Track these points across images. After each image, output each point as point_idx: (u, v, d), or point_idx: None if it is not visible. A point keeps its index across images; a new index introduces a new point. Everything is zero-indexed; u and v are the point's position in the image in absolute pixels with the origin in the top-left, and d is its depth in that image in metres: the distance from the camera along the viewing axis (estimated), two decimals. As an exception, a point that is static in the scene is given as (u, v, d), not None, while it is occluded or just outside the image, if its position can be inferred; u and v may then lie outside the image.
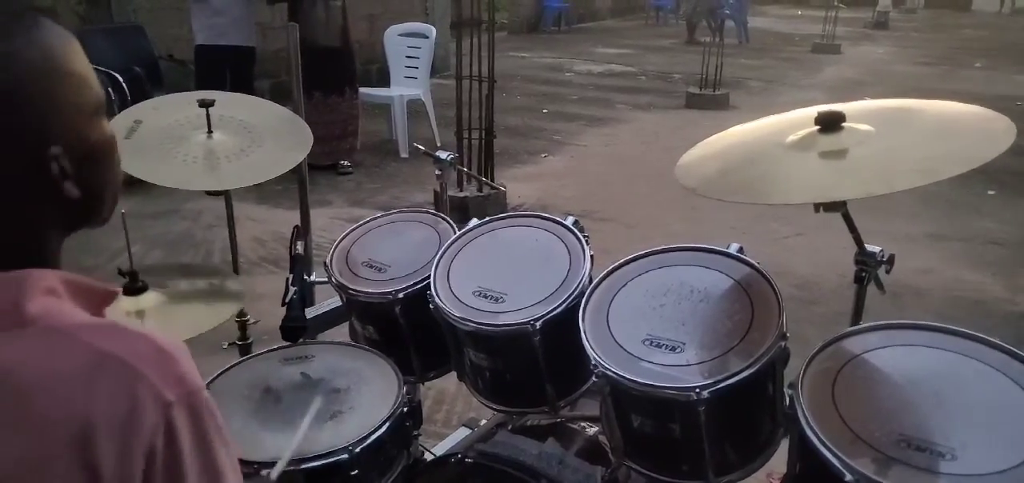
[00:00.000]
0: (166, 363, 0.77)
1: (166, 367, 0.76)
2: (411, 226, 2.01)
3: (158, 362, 0.76)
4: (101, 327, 0.78)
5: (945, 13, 20.51)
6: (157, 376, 0.75)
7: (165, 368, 0.76)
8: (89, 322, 0.79)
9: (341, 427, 1.51)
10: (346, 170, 6.30)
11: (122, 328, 0.79)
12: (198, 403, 0.78)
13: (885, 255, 1.57)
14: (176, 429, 0.75)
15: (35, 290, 0.76)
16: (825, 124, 1.49)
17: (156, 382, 0.75)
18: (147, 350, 0.76)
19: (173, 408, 0.75)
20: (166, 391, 0.75)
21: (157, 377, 0.75)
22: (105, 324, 0.79)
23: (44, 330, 0.75)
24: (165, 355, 0.77)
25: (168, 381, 0.75)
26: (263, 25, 7.16)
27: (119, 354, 0.75)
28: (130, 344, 0.76)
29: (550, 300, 1.60)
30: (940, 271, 4.60)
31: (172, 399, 0.75)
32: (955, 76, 11.48)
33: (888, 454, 1.19)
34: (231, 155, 1.86)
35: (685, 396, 1.34)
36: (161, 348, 0.77)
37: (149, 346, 0.77)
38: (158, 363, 0.76)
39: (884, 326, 1.40)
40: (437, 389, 3.13)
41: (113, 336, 0.77)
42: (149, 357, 0.76)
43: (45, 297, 0.77)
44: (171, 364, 0.77)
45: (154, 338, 0.78)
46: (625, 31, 16.82)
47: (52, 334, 0.75)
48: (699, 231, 4.91)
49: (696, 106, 9.02)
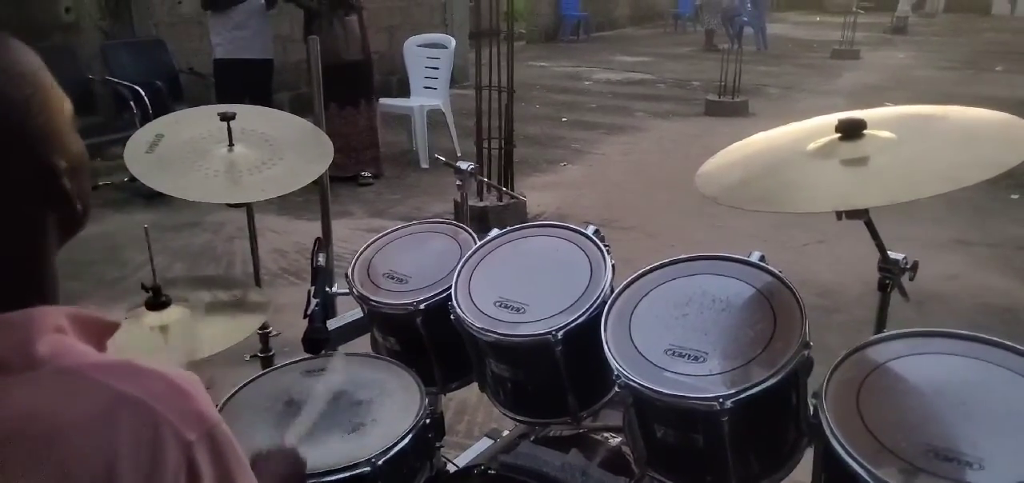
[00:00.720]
0: (183, 401, 0.75)
1: (184, 405, 0.75)
2: (432, 237, 2.01)
3: (176, 401, 0.75)
4: (115, 366, 0.76)
5: (965, 17, 20.32)
6: (176, 416, 0.74)
7: (183, 406, 0.75)
8: (102, 362, 0.77)
9: (363, 439, 1.51)
10: (367, 181, 6.33)
11: (136, 367, 0.77)
12: (218, 438, 0.77)
13: (909, 262, 1.56)
14: (198, 469, 0.74)
15: (43, 329, 0.75)
16: (846, 131, 1.48)
17: (175, 422, 0.73)
18: (164, 390, 0.75)
19: (194, 447, 0.74)
20: (186, 431, 0.73)
21: (176, 417, 0.74)
22: (119, 363, 0.77)
23: (57, 371, 0.74)
24: (181, 393, 0.76)
25: (187, 420, 0.74)
26: (282, 37, 7.23)
27: (137, 395, 0.73)
28: (147, 384, 0.75)
29: (572, 310, 1.60)
30: (966, 277, 4.54)
31: (192, 439, 0.74)
32: (976, 80, 11.36)
33: (915, 464, 1.18)
34: (253, 168, 1.88)
35: (708, 406, 1.33)
36: (177, 386, 0.76)
37: (165, 385, 0.75)
38: (176, 402, 0.75)
39: (909, 334, 1.39)
40: (458, 400, 3.13)
41: (129, 376, 0.75)
42: (167, 396, 0.74)
43: (54, 335, 0.75)
44: (188, 401, 0.76)
45: (168, 376, 0.77)
46: (644, 39, 16.80)
47: (66, 376, 0.74)
48: (719, 239, 4.89)
49: (715, 113, 8.99)
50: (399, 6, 9.57)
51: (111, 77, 6.37)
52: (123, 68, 6.45)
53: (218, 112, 1.90)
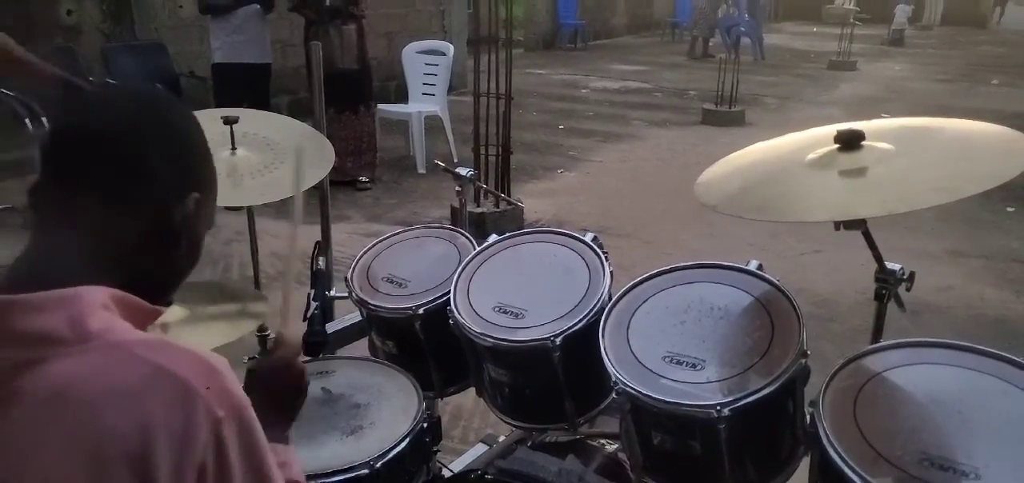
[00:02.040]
0: (215, 379, 0.81)
1: (215, 382, 0.81)
2: (431, 241, 2.02)
3: (209, 379, 0.80)
4: (155, 343, 0.83)
5: (961, 30, 20.41)
6: (208, 392, 0.79)
7: (214, 383, 0.80)
8: (145, 338, 0.84)
9: (361, 442, 1.52)
10: (365, 186, 6.34)
11: (174, 345, 0.83)
12: (245, 417, 0.82)
13: (905, 273, 1.57)
14: (226, 443, 0.79)
15: (94, 306, 0.81)
16: (845, 142, 1.49)
17: (208, 398, 0.79)
18: (198, 366, 0.81)
19: (223, 423, 0.79)
20: (216, 407, 0.79)
21: (209, 393, 0.79)
22: (158, 340, 0.84)
23: (105, 345, 0.80)
24: (213, 371, 0.82)
25: (218, 397, 0.80)
26: (281, 42, 7.24)
27: (173, 369, 0.79)
28: (182, 360, 0.81)
29: (570, 316, 1.61)
30: (961, 289, 4.56)
31: (222, 415, 0.79)
32: (973, 93, 11.40)
33: (911, 473, 1.19)
34: (254, 171, 1.88)
35: (706, 413, 1.34)
36: (210, 365, 0.82)
37: (199, 362, 0.82)
38: (209, 378, 0.80)
39: (906, 344, 1.40)
40: (454, 405, 3.14)
41: (166, 351, 0.81)
42: (201, 373, 0.80)
43: (103, 312, 0.82)
44: (219, 379, 0.81)
45: (202, 355, 0.83)
46: (641, 48, 16.84)
47: (112, 349, 0.80)
48: (716, 248, 4.90)
49: (712, 123, 9.01)
50: (398, 13, 9.59)
51: (112, 80, 6.36)
52: (124, 71, 6.44)
53: (221, 116, 1.90)
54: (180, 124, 0.96)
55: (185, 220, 0.92)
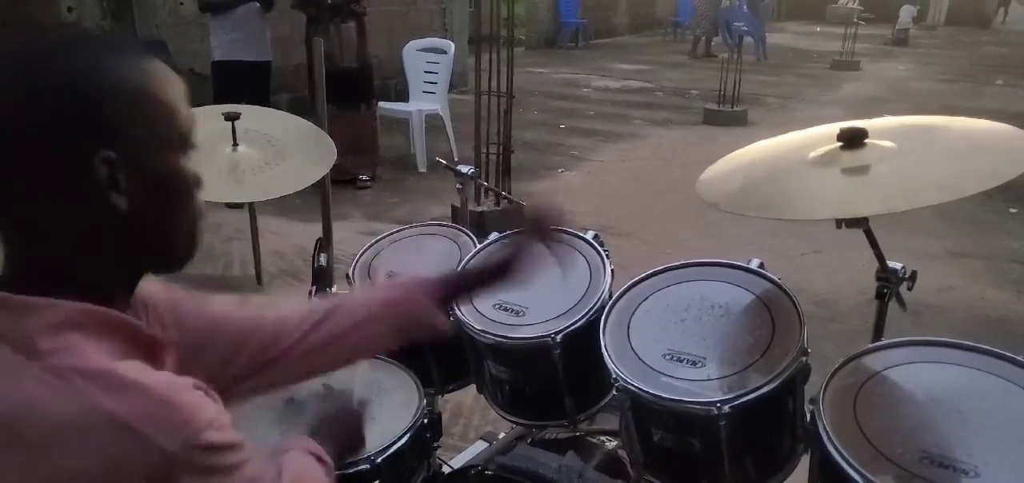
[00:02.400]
0: (166, 415, 0.75)
1: (165, 419, 0.75)
2: (432, 239, 2.02)
3: (156, 417, 0.74)
4: (102, 376, 0.76)
5: (965, 30, 20.39)
6: (154, 429, 0.74)
7: (164, 420, 0.74)
8: (92, 368, 0.76)
9: (362, 438, 1.52)
10: (365, 184, 6.34)
11: (119, 378, 0.76)
12: (202, 446, 0.76)
13: (907, 272, 1.57)
14: (177, 476, 0.74)
15: (49, 322, 0.76)
16: (848, 140, 1.49)
17: (153, 435, 0.73)
18: (145, 405, 0.75)
19: (174, 458, 0.74)
20: (166, 443, 0.74)
21: (153, 431, 0.73)
22: (106, 372, 0.76)
23: (47, 370, 0.75)
24: (166, 406, 0.75)
25: (166, 433, 0.74)
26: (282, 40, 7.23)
27: (112, 410, 0.73)
28: (127, 400, 0.74)
29: (570, 314, 1.61)
30: (962, 289, 4.56)
31: (173, 449, 0.74)
32: (976, 93, 11.39)
33: (911, 471, 1.19)
34: (255, 168, 1.89)
35: (706, 411, 1.34)
36: (162, 399, 0.76)
37: (148, 400, 0.75)
38: (156, 418, 0.74)
39: (906, 343, 1.40)
40: (454, 402, 3.14)
41: (113, 390, 0.75)
42: (147, 412, 0.74)
43: (60, 332, 0.77)
44: (172, 414, 0.75)
45: (154, 389, 0.76)
46: (642, 47, 16.83)
47: (55, 376, 0.75)
48: (717, 247, 4.90)
49: (714, 122, 9.00)
50: (399, 10, 9.59)
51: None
52: (124, 68, 6.45)
53: (223, 112, 1.91)
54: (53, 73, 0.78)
55: (99, 188, 0.78)
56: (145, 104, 0.81)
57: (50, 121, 0.76)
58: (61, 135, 0.76)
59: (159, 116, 0.82)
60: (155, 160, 0.82)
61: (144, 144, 0.81)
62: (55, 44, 0.80)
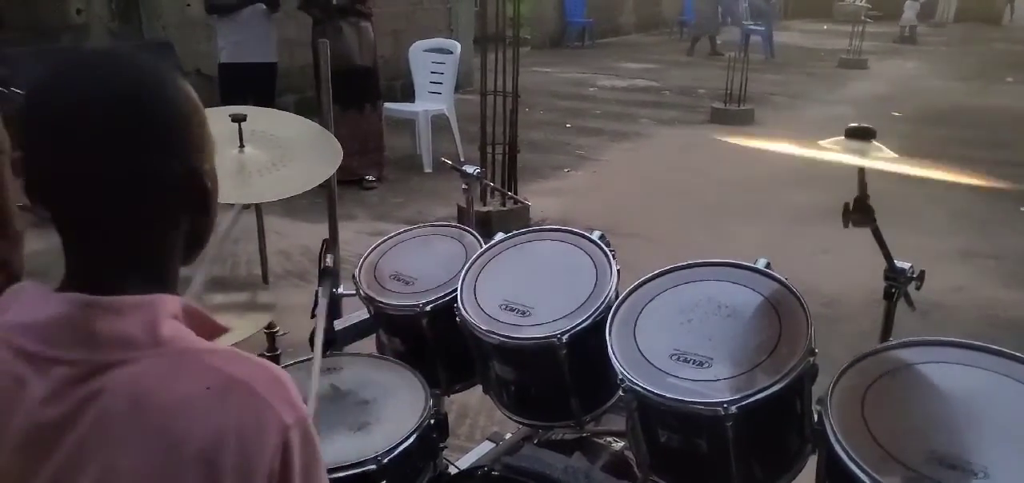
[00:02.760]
0: (282, 389, 0.83)
1: (283, 393, 0.83)
2: (438, 240, 2.02)
3: (277, 389, 0.83)
4: (226, 353, 0.85)
5: (975, 27, 20.28)
6: (277, 401, 0.82)
7: (282, 393, 0.83)
8: (215, 348, 0.86)
9: (369, 438, 1.52)
10: (371, 185, 6.35)
11: (243, 355, 0.85)
12: (308, 428, 0.85)
13: (915, 271, 1.56)
14: (292, 451, 0.81)
15: (166, 313, 0.83)
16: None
17: (277, 407, 0.81)
18: (267, 376, 0.83)
19: (290, 431, 0.81)
20: (285, 415, 0.82)
21: (277, 402, 0.82)
22: (227, 350, 0.86)
23: (177, 352, 0.82)
24: (280, 382, 0.84)
25: (285, 406, 0.82)
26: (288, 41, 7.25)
27: (245, 379, 0.82)
28: (253, 370, 0.83)
29: (577, 314, 1.61)
30: (971, 289, 4.54)
31: (289, 422, 0.82)
32: (985, 91, 11.33)
33: (919, 471, 1.18)
34: (262, 169, 1.89)
35: (712, 411, 1.34)
36: (277, 376, 0.85)
37: (268, 373, 0.84)
38: (277, 389, 0.83)
39: (914, 343, 1.39)
40: (460, 402, 3.13)
41: (237, 362, 0.84)
42: (270, 383, 0.83)
43: (174, 321, 0.84)
44: (286, 390, 0.84)
45: (270, 366, 0.86)
46: (649, 46, 16.80)
47: (184, 356, 0.82)
48: (724, 247, 4.89)
49: (721, 121, 8.98)
50: (404, 11, 9.60)
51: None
52: (131, 69, 6.47)
53: (229, 113, 1.91)
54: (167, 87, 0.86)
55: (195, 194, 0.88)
56: (201, 116, 0.90)
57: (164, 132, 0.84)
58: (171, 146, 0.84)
59: (205, 125, 0.91)
60: (210, 167, 0.91)
61: (207, 153, 0.90)
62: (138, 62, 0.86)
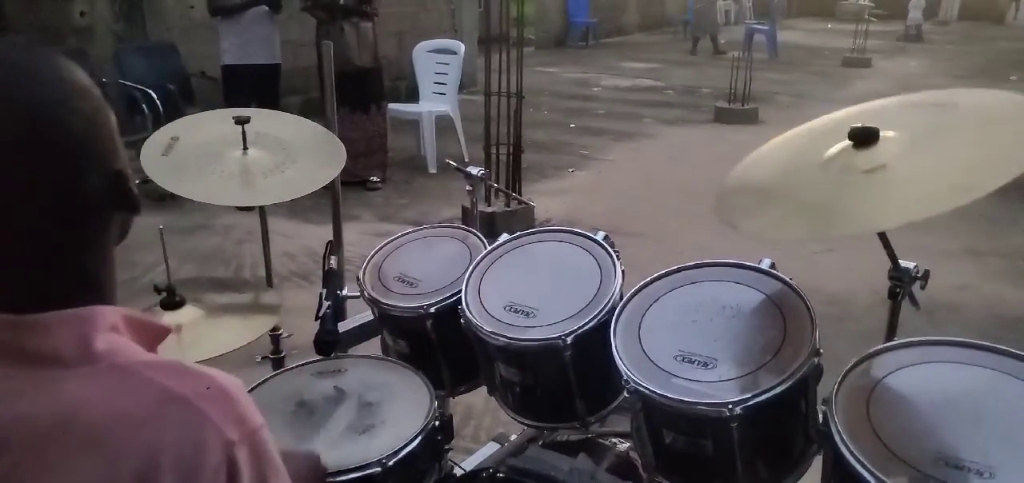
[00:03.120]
0: (227, 403, 0.79)
1: (228, 407, 0.78)
2: (442, 241, 2.02)
3: (220, 403, 0.78)
4: (166, 366, 0.80)
5: (979, 25, 20.23)
6: (220, 417, 0.77)
7: (227, 408, 0.78)
8: (154, 361, 0.81)
9: (374, 440, 1.52)
10: (375, 186, 6.36)
11: (185, 368, 0.81)
12: (258, 442, 0.80)
13: (920, 271, 1.56)
14: (238, 469, 0.77)
15: (102, 327, 0.79)
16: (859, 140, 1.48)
17: (219, 423, 0.77)
18: (210, 391, 0.78)
19: (235, 447, 0.77)
20: (228, 431, 0.77)
21: (220, 418, 0.77)
22: (169, 363, 0.81)
23: (111, 368, 0.77)
24: (226, 395, 0.79)
25: (230, 421, 0.77)
26: (292, 42, 7.26)
27: (185, 394, 0.77)
28: (194, 384, 0.78)
29: (581, 315, 1.60)
30: (978, 288, 4.53)
31: (234, 439, 0.77)
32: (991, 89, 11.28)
33: (925, 472, 1.18)
34: (266, 171, 1.89)
35: (717, 412, 1.33)
36: (223, 389, 0.80)
37: (211, 386, 0.79)
38: (221, 404, 0.78)
39: (920, 342, 1.39)
40: (465, 404, 3.14)
41: (178, 376, 0.79)
42: (212, 398, 0.78)
43: (110, 334, 0.79)
44: (232, 404, 0.79)
45: (215, 378, 0.80)
46: (652, 46, 16.79)
47: (120, 372, 0.78)
48: (728, 247, 4.85)
49: (724, 121, 8.98)
50: (408, 12, 9.61)
51: (124, 80, 6.41)
52: (135, 71, 6.49)
53: (233, 116, 1.91)
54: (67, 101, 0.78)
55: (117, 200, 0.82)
56: (105, 111, 0.83)
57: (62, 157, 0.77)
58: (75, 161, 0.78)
59: (110, 116, 0.84)
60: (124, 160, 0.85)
61: (119, 145, 0.84)
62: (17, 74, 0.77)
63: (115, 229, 0.84)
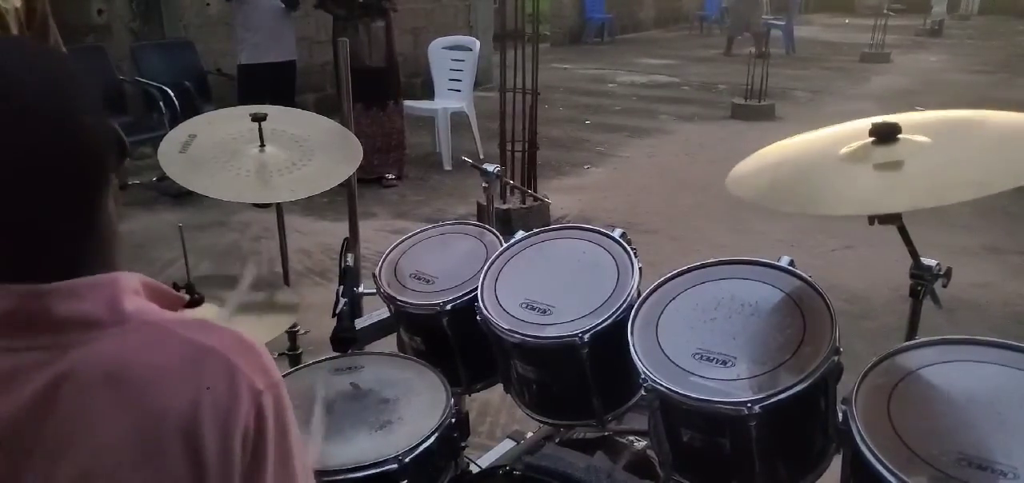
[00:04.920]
0: (254, 356, 0.84)
1: (254, 359, 0.83)
2: (458, 238, 2.02)
3: (248, 354, 0.83)
4: (193, 323, 0.85)
5: (1001, 19, 20.00)
6: (248, 367, 0.82)
7: (253, 360, 0.83)
8: (181, 319, 0.85)
9: (390, 437, 1.52)
10: (391, 183, 6.37)
11: (211, 324, 0.85)
12: (280, 393, 0.84)
13: (942, 269, 1.54)
14: (265, 415, 0.81)
15: (127, 290, 0.82)
16: (880, 136, 1.47)
17: (248, 372, 0.81)
18: (237, 344, 0.83)
19: (263, 395, 0.81)
20: (257, 380, 0.81)
21: (249, 368, 0.82)
22: (195, 320, 0.86)
23: (143, 325, 0.81)
24: (251, 349, 0.84)
25: (257, 372, 0.82)
26: (308, 39, 7.28)
27: (216, 347, 0.81)
28: (222, 338, 0.83)
29: (598, 313, 1.60)
30: (999, 285, 4.48)
31: (261, 387, 0.81)
32: (1011, 84, 11.18)
33: (947, 472, 1.16)
34: (283, 168, 1.90)
35: (736, 411, 1.32)
36: (247, 342, 0.84)
37: (237, 340, 0.84)
38: (247, 355, 0.83)
39: (942, 341, 1.37)
40: (481, 401, 3.14)
41: (206, 331, 0.83)
42: (240, 350, 0.83)
43: (134, 296, 0.83)
44: (257, 356, 0.84)
45: (237, 333, 0.85)
46: (669, 41, 16.73)
47: (152, 329, 0.82)
48: (746, 244, 4.85)
49: (741, 117, 8.93)
50: (424, 8, 9.62)
51: (141, 78, 6.45)
52: (153, 69, 6.53)
53: (250, 113, 1.92)
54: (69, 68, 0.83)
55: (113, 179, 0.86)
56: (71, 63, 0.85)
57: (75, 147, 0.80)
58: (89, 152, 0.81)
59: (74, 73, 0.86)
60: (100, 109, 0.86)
61: (96, 100, 0.85)
62: None
63: (115, 181, 0.86)
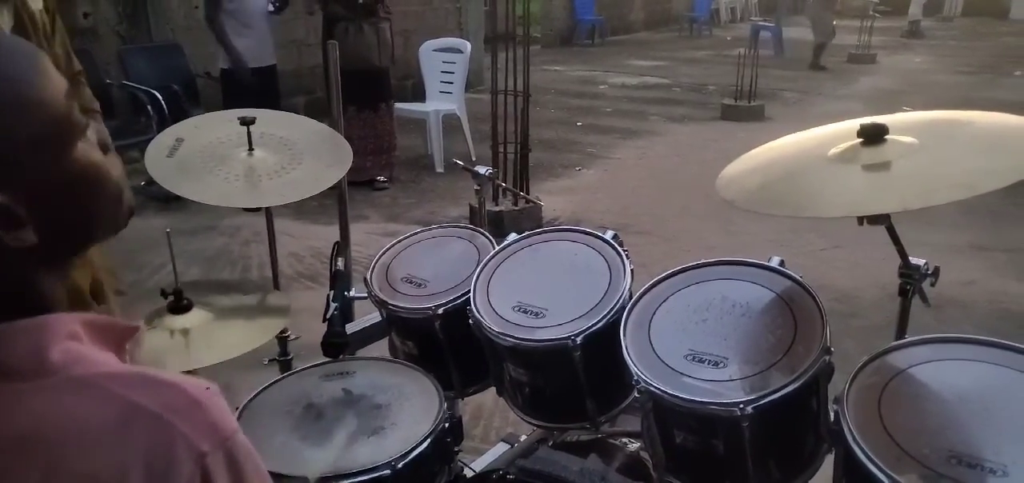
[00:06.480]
0: (198, 412, 0.74)
1: (198, 417, 0.73)
2: (450, 241, 2.02)
3: (190, 413, 0.73)
4: (130, 376, 0.75)
5: (983, 21, 20.14)
6: (189, 428, 0.72)
7: (196, 418, 0.73)
8: (116, 371, 0.76)
9: (383, 443, 1.52)
10: (382, 185, 6.36)
11: (151, 377, 0.75)
12: (233, 448, 0.75)
13: (930, 268, 1.55)
14: (212, 479, 0.72)
15: (57, 336, 0.73)
16: (868, 137, 1.47)
17: (189, 434, 0.72)
18: (178, 401, 0.73)
19: (207, 459, 0.72)
20: (200, 442, 0.72)
21: (189, 429, 0.72)
22: (133, 373, 0.76)
23: (69, 380, 0.72)
24: (195, 405, 0.74)
25: (200, 432, 0.73)
26: (297, 42, 7.26)
27: (150, 407, 0.72)
28: (161, 395, 0.73)
29: (590, 315, 1.60)
30: (984, 283, 4.51)
31: (206, 449, 0.72)
32: (994, 85, 11.26)
33: (937, 470, 1.17)
34: (272, 172, 1.89)
35: (728, 412, 1.33)
36: (191, 397, 0.74)
37: (180, 396, 0.74)
38: (189, 414, 0.73)
39: (931, 340, 1.38)
40: (474, 404, 3.13)
41: (142, 386, 0.74)
42: (181, 408, 0.73)
43: (68, 343, 0.74)
44: (203, 413, 0.74)
45: (183, 386, 0.75)
46: (659, 43, 16.76)
47: (79, 384, 0.72)
48: (736, 245, 4.87)
49: (731, 118, 8.97)
50: (415, 10, 9.61)
51: (128, 81, 6.41)
52: (140, 72, 6.49)
53: (238, 116, 1.91)
54: None
55: None
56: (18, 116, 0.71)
57: None
58: None
59: (35, 121, 0.72)
60: (51, 170, 0.74)
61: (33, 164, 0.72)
62: None
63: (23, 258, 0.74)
